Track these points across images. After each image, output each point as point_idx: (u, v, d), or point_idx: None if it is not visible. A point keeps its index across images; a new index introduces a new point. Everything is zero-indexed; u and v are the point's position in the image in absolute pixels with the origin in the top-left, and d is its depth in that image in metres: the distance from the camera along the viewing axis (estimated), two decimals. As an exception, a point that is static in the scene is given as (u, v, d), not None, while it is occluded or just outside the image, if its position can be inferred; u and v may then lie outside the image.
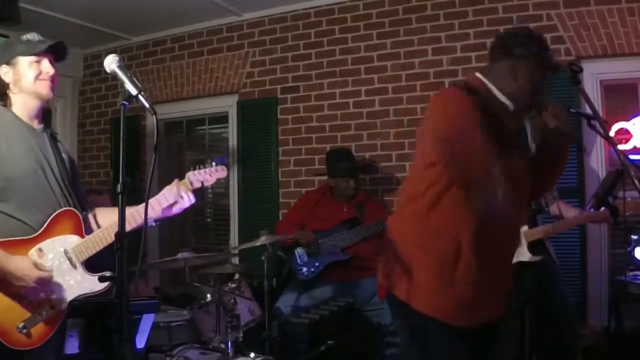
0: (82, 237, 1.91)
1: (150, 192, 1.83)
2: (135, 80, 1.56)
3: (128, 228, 1.65)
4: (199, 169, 2.15)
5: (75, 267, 1.86)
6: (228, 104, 4.78)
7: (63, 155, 2.03)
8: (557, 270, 3.08)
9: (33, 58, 1.92)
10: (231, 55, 4.72)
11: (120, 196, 1.43)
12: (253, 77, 4.63)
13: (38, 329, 1.76)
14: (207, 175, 2.14)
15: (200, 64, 4.85)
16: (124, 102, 1.52)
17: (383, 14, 4.17)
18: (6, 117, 1.90)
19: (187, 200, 2.06)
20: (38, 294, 1.77)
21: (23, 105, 1.93)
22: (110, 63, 1.61)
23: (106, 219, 2.02)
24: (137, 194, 4.85)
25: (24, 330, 1.73)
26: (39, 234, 1.83)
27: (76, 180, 2.10)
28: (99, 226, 2.05)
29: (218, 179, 2.17)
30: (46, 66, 1.94)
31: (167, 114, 5.00)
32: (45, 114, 2.03)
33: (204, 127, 5.12)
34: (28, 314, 1.76)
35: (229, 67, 4.72)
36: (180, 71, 4.94)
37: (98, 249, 1.89)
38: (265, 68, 4.58)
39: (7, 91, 1.92)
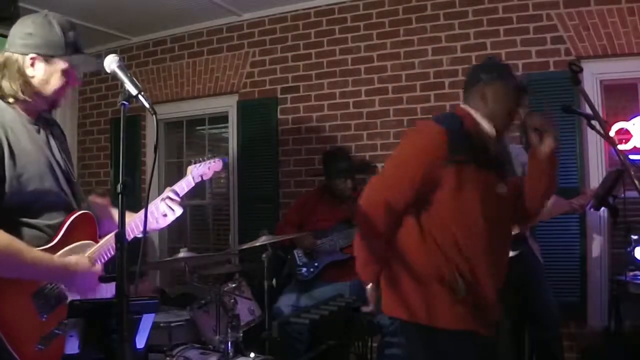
0: (97, 241, 1.82)
1: (150, 192, 1.83)
2: (135, 80, 1.54)
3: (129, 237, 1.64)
4: (199, 162, 2.10)
5: None
6: (228, 104, 4.78)
7: (66, 146, 1.91)
8: (539, 267, 3.08)
9: (68, 66, 1.73)
10: (231, 55, 4.72)
11: (120, 196, 1.42)
12: (253, 77, 4.63)
13: (55, 346, 1.64)
14: (205, 168, 2.08)
15: (200, 64, 4.85)
16: (124, 102, 1.50)
17: (383, 14, 4.18)
18: (12, 117, 1.72)
19: (177, 212, 1.93)
20: (91, 290, 1.70)
21: (32, 102, 1.75)
22: (110, 63, 1.58)
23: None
24: (138, 194, 4.88)
25: (43, 348, 1.63)
26: (56, 243, 1.72)
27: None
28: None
29: (215, 172, 2.11)
30: (74, 80, 1.78)
31: (167, 114, 5.01)
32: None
33: (204, 127, 5.13)
34: (47, 329, 1.65)
35: (229, 67, 4.72)
36: (180, 71, 4.94)
37: (112, 254, 1.79)
38: (265, 68, 4.58)
39: (26, 87, 1.71)
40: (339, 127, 4.30)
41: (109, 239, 1.80)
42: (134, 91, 1.51)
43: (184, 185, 2.00)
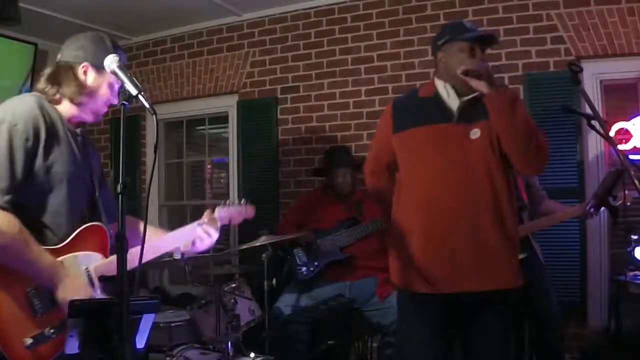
0: (106, 256, 1.80)
1: (150, 193, 1.83)
2: (135, 80, 1.55)
3: (148, 257, 1.67)
4: (228, 205, 2.08)
5: (93, 286, 1.75)
6: (228, 104, 4.78)
7: (92, 161, 1.93)
8: (542, 269, 3.08)
9: (115, 79, 1.78)
10: (231, 55, 4.72)
11: (120, 196, 1.42)
12: (253, 77, 4.63)
13: (46, 348, 1.64)
14: (235, 213, 2.08)
15: (200, 64, 4.85)
16: (124, 102, 1.51)
17: (383, 14, 4.18)
18: (56, 117, 1.77)
19: (214, 237, 1.98)
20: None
21: (81, 109, 1.83)
22: (110, 63, 1.59)
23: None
24: (138, 194, 4.89)
25: (32, 347, 1.61)
26: (62, 246, 1.72)
27: (105, 187, 1.99)
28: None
29: (245, 219, 2.14)
30: (116, 96, 1.85)
31: (167, 114, 5.01)
32: None
33: (204, 127, 5.12)
34: (38, 330, 1.64)
35: (229, 67, 4.72)
36: (180, 71, 4.94)
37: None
38: (265, 68, 4.58)
39: (80, 91, 1.79)
40: (339, 127, 4.30)
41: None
42: (134, 91, 1.52)
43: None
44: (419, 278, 2.06)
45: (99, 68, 1.78)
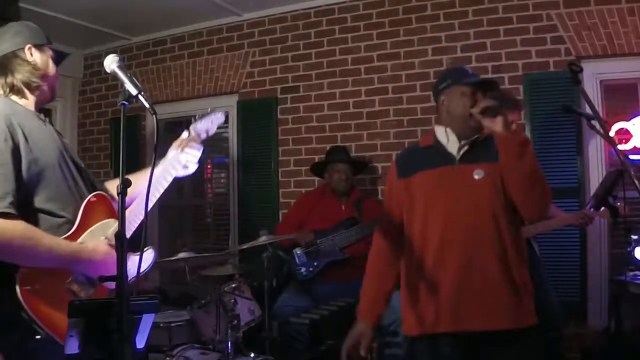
0: (116, 218, 1.76)
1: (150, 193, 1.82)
2: (135, 80, 1.55)
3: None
4: (199, 119, 2.08)
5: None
6: (228, 104, 4.78)
7: (62, 140, 1.93)
8: (541, 268, 3.08)
9: (51, 54, 1.86)
10: (231, 55, 4.72)
11: (120, 196, 1.42)
12: (253, 77, 4.63)
13: None
14: (209, 123, 2.09)
15: (200, 64, 4.85)
16: (124, 102, 1.51)
17: (383, 14, 4.18)
18: (22, 109, 1.76)
19: (199, 152, 2.04)
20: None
21: (40, 92, 1.83)
22: (110, 63, 1.59)
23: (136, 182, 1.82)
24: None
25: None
26: (76, 229, 1.73)
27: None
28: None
29: (218, 126, 2.14)
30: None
31: (167, 114, 5.00)
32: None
33: (204, 127, 5.11)
34: None
35: (229, 67, 4.73)
36: (180, 71, 4.94)
37: (135, 226, 1.80)
38: (265, 68, 4.58)
39: (34, 73, 1.79)
40: (339, 127, 4.30)
41: (129, 212, 1.80)
42: (134, 91, 1.52)
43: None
44: (428, 316, 2.02)
45: (38, 46, 1.83)
